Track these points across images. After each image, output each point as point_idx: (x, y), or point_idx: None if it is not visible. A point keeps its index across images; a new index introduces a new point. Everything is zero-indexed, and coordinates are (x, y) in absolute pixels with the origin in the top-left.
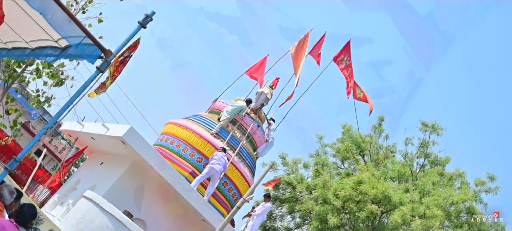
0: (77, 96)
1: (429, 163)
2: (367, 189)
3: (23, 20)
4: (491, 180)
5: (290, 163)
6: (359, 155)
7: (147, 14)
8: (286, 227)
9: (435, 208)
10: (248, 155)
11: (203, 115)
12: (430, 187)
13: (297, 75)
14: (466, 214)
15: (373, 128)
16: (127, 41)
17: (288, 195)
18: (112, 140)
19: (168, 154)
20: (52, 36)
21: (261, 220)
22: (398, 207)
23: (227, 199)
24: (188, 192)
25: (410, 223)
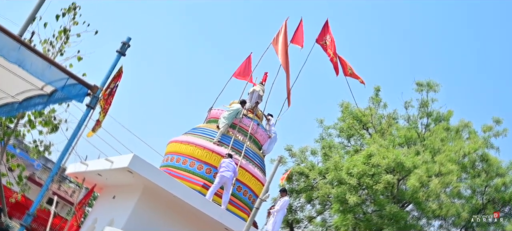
0: (74, 138)
1: (432, 121)
2: (379, 161)
3: (4, 76)
4: (498, 123)
5: (298, 153)
6: (362, 129)
7: (123, 41)
8: (308, 217)
9: (449, 163)
10: (254, 155)
11: (202, 126)
12: (439, 144)
13: (286, 68)
14: (481, 162)
15: (370, 100)
16: (110, 73)
17: (302, 184)
18: (119, 172)
19: (177, 173)
20: (36, 85)
21: (282, 215)
22: (413, 171)
23: (244, 203)
24: (204, 205)
25: (428, 184)
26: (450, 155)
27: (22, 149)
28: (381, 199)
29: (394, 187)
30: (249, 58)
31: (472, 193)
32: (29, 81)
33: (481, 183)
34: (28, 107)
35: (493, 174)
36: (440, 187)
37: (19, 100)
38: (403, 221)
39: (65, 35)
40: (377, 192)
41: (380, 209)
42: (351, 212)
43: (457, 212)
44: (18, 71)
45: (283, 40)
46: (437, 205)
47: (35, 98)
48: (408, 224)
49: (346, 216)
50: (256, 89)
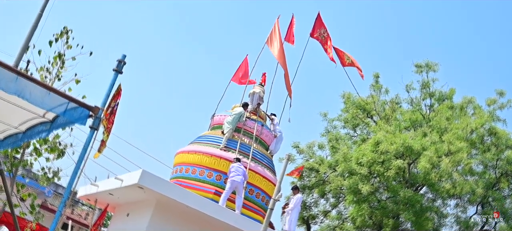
0: (81, 161)
1: (436, 101)
2: (387, 147)
3: (4, 108)
4: (501, 95)
5: (305, 149)
6: (367, 117)
7: (119, 59)
8: (323, 211)
9: (458, 141)
10: (262, 156)
11: (207, 134)
12: (445, 123)
13: (284, 65)
14: (489, 136)
15: (371, 87)
16: (109, 92)
17: (314, 180)
18: (130, 189)
19: (187, 183)
20: (38, 113)
21: (297, 213)
22: (422, 153)
23: (258, 205)
24: (219, 212)
25: (439, 164)
26: (457, 132)
27: (32, 178)
28: (394, 185)
29: (405, 171)
30: (245, 60)
31: (484, 168)
32: (30, 110)
33: (492, 157)
34: (32, 136)
35: (503, 147)
36: (452, 165)
37: (22, 131)
38: (418, 204)
39: (60, 60)
40: (389, 179)
41: (394, 195)
42: (365, 201)
43: (471, 189)
44: (18, 102)
45: (277, 39)
46: (451, 184)
47: (38, 126)
48: (423, 206)
49: (361, 206)
50: (256, 91)
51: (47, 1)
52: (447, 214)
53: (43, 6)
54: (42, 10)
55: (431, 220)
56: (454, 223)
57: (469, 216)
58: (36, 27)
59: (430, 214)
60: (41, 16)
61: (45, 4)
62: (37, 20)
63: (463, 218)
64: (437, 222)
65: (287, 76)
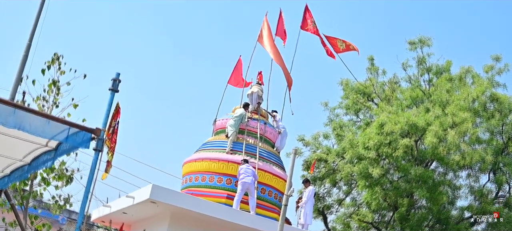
0: (90, 184)
1: (434, 75)
2: (391, 128)
3: (7, 143)
4: (497, 60)
5: (311, 141)
6: (368, 101)
7: (113, 78)
8: (337, 200)
9: (461, 112)
10: (269, 154)
11: (212, 140)
12: (446, 96)
13: (279, 60)
14: (491, 103)
15: (367, 70)
16: (108, 112)
17: (323, 170)
18: (143, 205)
19: (199, 191)
20: (41, 143)
21: (311, 205)
22: (427, 129)
23: (272, 203)
24: (234, 215)
25: (445, 138)
26: (459, 103)
27: (43, 208)
28: (404, 164)
29: (413, 149)
30: (239, 61)
31: (491, 135)
32: (32, 141)
33: (497, 123)
34: (38, 167)
35: (506, 111)
36: (458, 137)
37: (28, 162)
38: (430, 180)
39: (55, 87)
40: (398, 159)
41: (405, 174)
42: (377, 184)
43: (481, 158)
44: (19, 135)
45: (268, 34)
46: (460, 155)
47: (43, 156)
48: (436, 181)
49: (374, 189)
50: (254, 91)
51: (34, 31)
52: (460, 185)
53: (31, 36)
54: (30, 40)
55: (445, 193)
56: (468, 193)
57: (482, 185)
58: (26, 57)
59: (444, 188)
60: (30, 46)
61: (32, 34)
62: (27, 50)
63: (477, 187)
64: (451, 195)
65: (285, 69)
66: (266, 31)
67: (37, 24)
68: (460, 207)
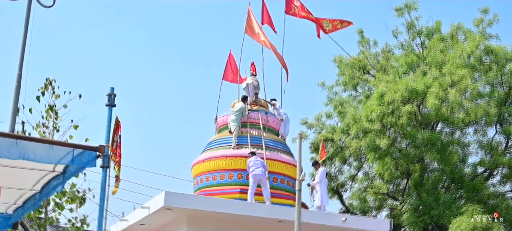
0: (103, 201)
1: (425, 38)
2: (391, 96)
3: (14, 174)
4: (486, 12)
5: (314, 123)
6: (364, 74)
7: (108, 93)
8: (350, 177)
9: (458, 70)
10: (275, 142)
11: (216, 138)
12: (441, 56)
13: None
14: (487, 55)
15: (358, 44)
16: (109, 128)
17: (331, 150)
18: (159, 213)
19: (211, 190)
20: (47, 169)
21: (325, 186)
22: (427, 92)
23: (285, 190)
24: (250, 208)
25: (447, 98)
26: (455, 61)
27: None
28: (410, 131)
29: (416, 114)
30: (230, 56)
31: (491, 87)
32: (39, 168)
33: (496, 75)
34: (49, 193)
35: (503, 62)
36: (459, 95)
37: (38, 190)
38: (438, 141)
39: (53, 112)
40: (403, 126)
41: (413, 140)
42: (386, 155)
43: (485, 111)
44: (25, 164)
45: (255, 24)
46: (463, 112)
47: (52, 182)
48: (444, 142)
49: (384, 160)
50: (249, 82)
51: (23, 61)
52: (468, 142)
53: (20, 65)
54: (20, 69)
55: (455, 153)
56: (478, 148)
57: (490, 138)
58: (19, 87)
59: (453, 148)
60: (21, 75)
61: (21, 63)
62: (19, 80)
63: (485, 141)
64: (461, 153)
65: (277, 53)
66: (252, 21)
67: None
68: (472, 164)
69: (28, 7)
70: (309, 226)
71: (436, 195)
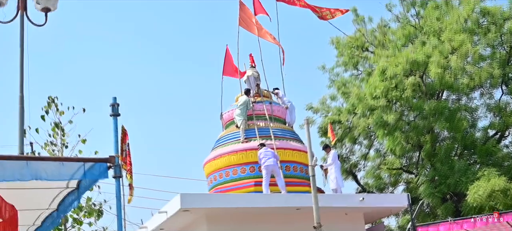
0: (120, 211)
1: (420, 8)
2: (393, 71)
3: (30, 196)
4: None
5: (319, 106)
6: (363, 52)
7: (111, 103)
8: (362, 156)
9: (456, 35)
10: (283, 131)
11: (224, 134)
12: (437, 24)
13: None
14: (484, 17)
15: (354, 22)
16: (116, 138)
17: (340, 131)
18: (177, 216)
19: (226, 187)
20: (61, 186)
21: (338, 168)
22: (429, 61)
23: (299, 178)
24: (267, 200)
25: (449, 65)
26: (453, 27)
27: None
28: (416, 103)
29: (420, 85)
30: (227, 51)
31: (492, 49)
32: (53, 186)
33: (495, 36)
34: (66, 210)
35: (501, 22)
36: (461, 60)
37: (55, 208)
38: (446, 110)
39: (59, 129)
40: (409, 98)
41: (420, 111)
42: (395, 129)
43: (488, 74)
44: (39, 184)
45: (248, 15)
46: (467, 78)
47: (67, 198)
48: (451, 109)
49: (394, 135)
50: (249, 74)
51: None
52: (476, 107)
53: (21, 87)
54: (21, 90)
55: (464, 119)
56: (487, 112)
57: (497, 100)
58: (23, 109)
59: (461, 114)
60: (23, 97)
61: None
62: (21, 102)
63: (493, 104)
64: (470, 119)
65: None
66: (245, 13)
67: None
68: (483, 128)
69: (21, 27)
70: (327, 210)
71: (450, 163)
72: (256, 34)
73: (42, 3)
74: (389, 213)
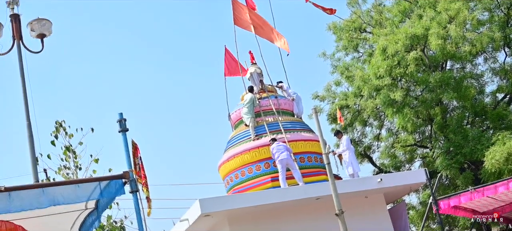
0: (141, 225)
1: None
2: (394, 48)
3: (50, 221)
4: None
5: (326, 94)
6: (361, 33)
7: (118, 120)
8: (374, 137)
9: (452, 4)
10: (292, 123)
11: (235, 134)
12: None
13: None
14: None
15: (348, 5)
16: (127, 153)
17: (349, 116)
18: (198, 222)
19: (243, 187)
20: (80, 208)
21: (352, 152)
22: (428, 34)
23: (315, 167)
24: (286, 194)
25: (448, 35)
26: None
27: None
28: (421, 77)
29: (423, 59)
30: (226, 52)
31: (490, 13)
32: (72, 210)
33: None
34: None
35: None
36: (460, 28)
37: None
38: (451, 80)
39: (70, 152)
40: (413, 74)
41: (426, 85)
42: (404, 106)
43: (489, 38)
44: (58, 209)
45: (242, 14)
46: (469, 45)
47: (88, 219)
48: (457, 79)
49: (403, 112)
50: (252, 71)
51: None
52: (481, 73)
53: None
54: (28, 119)
55: (471, 86)
56: (493, 76)
57: (502, 62)
58: (32, 137)
59: (467, 82)
60: (30, 125)
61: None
62: (29, 130)
63: (498, 67)
64: (477, 85)
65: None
66: (238, 11)
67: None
68: (491, 92)
69: (19, 57)
70: (347, 196)
71: (463, 133)
72: (253, 31)
73: (37, 30)
74: (409, 191)
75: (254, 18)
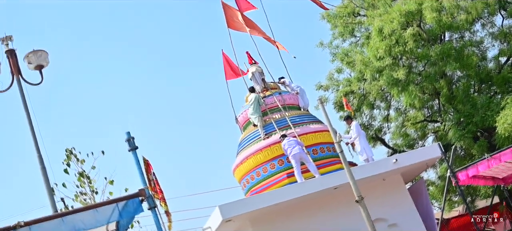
0: None
1: None
2: (390, 27)
3: None
4: None
5: (329, 83)
6: (356, 17)
7: (126, 139)
8: (383, 119)
9: None
10: (300, 117)
11: (245, 136)
12: None
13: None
14: None
15: None
16: (140, 171)
17: (355, 101)
18: (221, 228)
19: (260, 187)
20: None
21: (364, 137)
22: (422, 8)
23: (329, 158)
24: (304, 188)
25: (443, 7)
26: None
27: None
28: (421, 52)
29: (420, 34)
30: (224, 56)
31: None
32: None
33: None
34: None
35: None
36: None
37: None
38: (452, 50)
39: (85, 177)
40: (413, 50)
41: (427, 59)
42: (409, 83)
43: (484, 3)
44: None
45: (234, 16)
46: (464, 13)
47: None
48: (457, 48)
49: (408, 90)
50: (253, 71)
51: (37, 142)
52: (481, 39)
53: (37, 147)
54: (38, 151)
55: (472, 54)
56: (493, 41)
57: (500, 26)
58: (45, 168)
59: (468, 50)
60: (41, 156)
61: (36, 145)
62: (41, 162)
63: (496, 31)
64: (478, 52)
65: (269, 38)
66: (230, 13)
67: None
68: (493, 57)
69: (20, 91)
70: (364, 181)
71: (471, 102)
72: (247, 32)
73: (34, 62)
74: (426, 167)
75: (246, 19)
